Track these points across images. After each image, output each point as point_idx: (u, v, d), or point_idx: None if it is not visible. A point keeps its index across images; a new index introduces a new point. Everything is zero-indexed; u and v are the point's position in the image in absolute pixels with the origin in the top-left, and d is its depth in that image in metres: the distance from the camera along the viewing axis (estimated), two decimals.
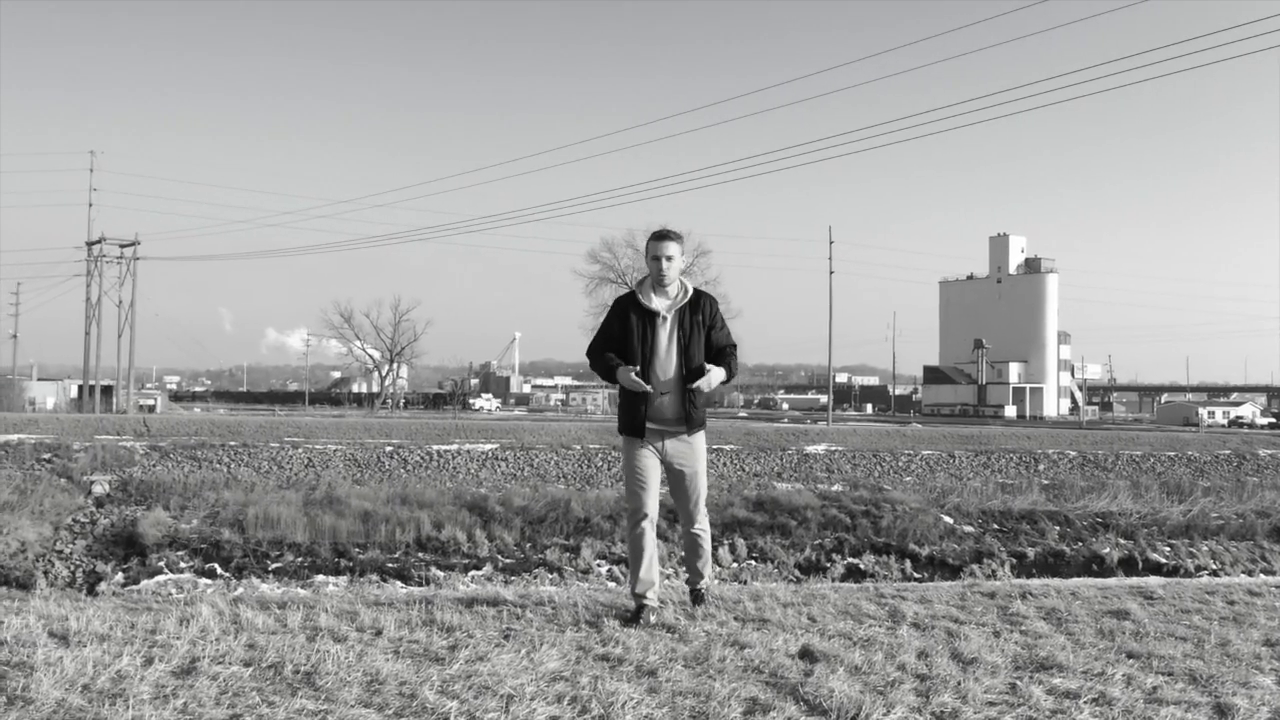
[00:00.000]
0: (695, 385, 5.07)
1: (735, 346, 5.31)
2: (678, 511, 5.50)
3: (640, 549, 5.26)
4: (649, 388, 5.07)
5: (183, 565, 16.49)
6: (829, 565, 18.46)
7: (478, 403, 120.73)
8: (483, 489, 23.88)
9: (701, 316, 5.18)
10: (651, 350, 5.12)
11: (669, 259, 5.16)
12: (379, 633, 4.72)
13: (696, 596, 5.49)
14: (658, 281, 5.18)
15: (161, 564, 16.37)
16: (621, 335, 5.17)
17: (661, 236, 5.19)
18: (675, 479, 5.32)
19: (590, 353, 5.30)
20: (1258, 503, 25.18)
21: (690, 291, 5.23)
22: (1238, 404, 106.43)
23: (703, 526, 5.46)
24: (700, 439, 5.35)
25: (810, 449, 34.95)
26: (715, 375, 5.09)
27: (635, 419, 5.18)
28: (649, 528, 5.26)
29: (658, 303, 5.16)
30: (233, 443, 30.88)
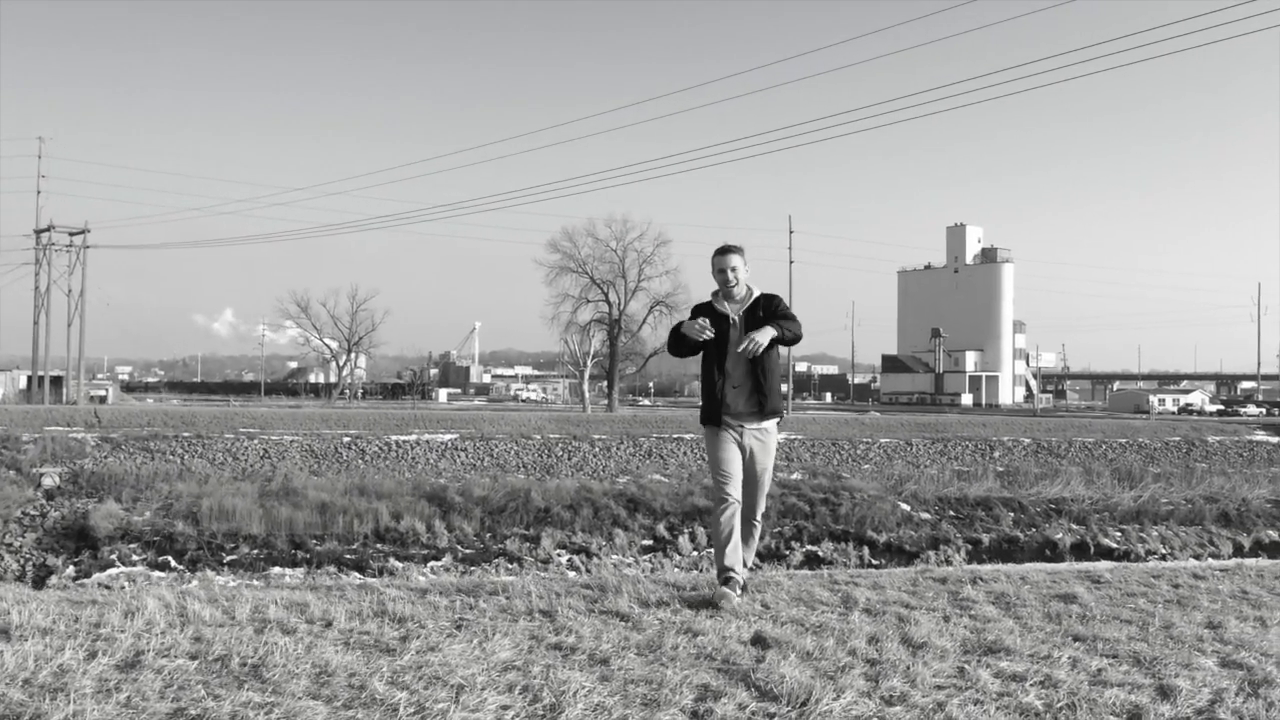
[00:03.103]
0: (742, 348, 5.46)
1: (793, 319, 5.62)
2: (744, 499, 5.79)
3: (728, 531, 5.61)
4: (710, 331, 5.49)
5: (135, 558, 16.30)
6: (788, 553, 18.60)
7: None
8: (442, 479, 23.76)
9: (763, 313, 5.60)
10: (725, 350, 5.61)
11: (733, 270, 5.67)
12: (329, 624, 4.68)
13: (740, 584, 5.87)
14: (725, 293, 5.72)
15: (113, 557, 16.16)
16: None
17: (723, 251, 5.71)
18: (748, 469, 5.72)
19: (669, 342, 5.82)
20: (1206, 488, 25.68)
21: (755, 294, 5.72)
22: (1187, 391, 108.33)
23: (757, 519, 5.88)
24: (773, 433, 5.82)
25: None
26: (762, 334, 5.47)
27: (713, 407, 5.68)
28: (734, 512, 5.62)
29: (729, 308, 5.69)
30: (186, 434, 30.47)
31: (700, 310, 5.79)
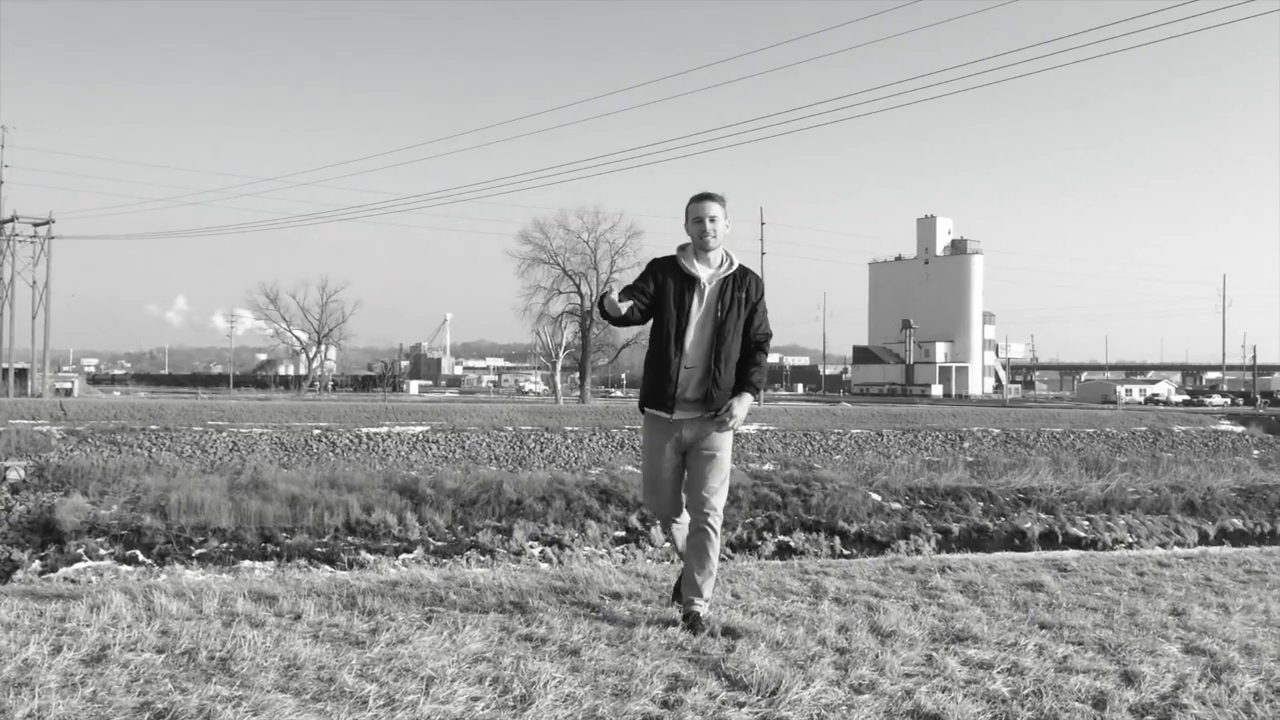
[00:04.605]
0: (723, 420, 4.63)
1: (769, 337, 4.81)
2: (687, 495, 4.77)
3: (675, 543, 5.01)
4: (619, 304, 4.43)
5: (102, 552, 16.13)
6: (760, 543, 18.68)
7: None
8: (414, 472, 23.68)
9: (745, 294, 4.67)
10: (686, 319, 4.59)
11: (712, 220, 4.63)
12: (298, 617, 4.65)
13: (692, 621, 4.56)
14: (700, 247, 4.64)
15: (80, 551, 15.99)
16: (657, 297, 4.62)
17: (703, 197, 4.69)
18: (693, 458, 4.72)
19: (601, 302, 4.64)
20: (1172, 478, 26.00)
21: (735, 264, 4.71)
22: (1154, 382, 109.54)
23: (713, 522, 4.67)
24: (746, 406, 4.74)
25: (742, 429, 35.23)
26: (741, 406, 4.65)
27: (660, 390, 4.63)
28: (677, 529, 4.95)
29: (700, 270, 4.64)
30: (154, 427, 30.19)
31: (660, 266, 4.68)
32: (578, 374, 66.34)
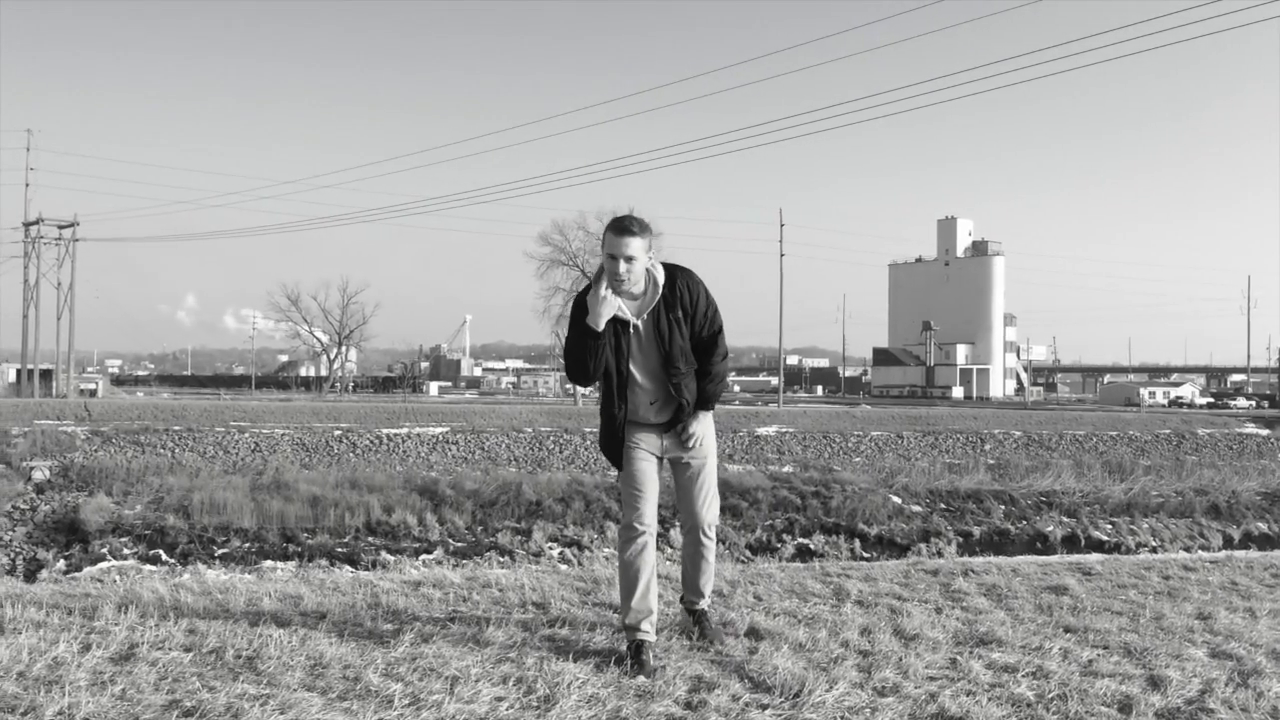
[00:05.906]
0: (688, 447, 4.34)
1: (717, 333, 4.31)
2: (680, 511, 4.50)
3: (636, 571, 4.18)
4: (606, 302, 4.09)
5: (126, 552, 16.25)
6: (779, 546, 18.62)
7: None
8: (433, 472, 23.75)
9: (680, 311, 4.19)
10: (625, 363, 4.21)
11: (628, 260, 4.04)
12: (323, 616, 4.68)
13: (698, 618, 4.50)
14: (613, 289, 4.12)
15: (104, 550, 16.11)
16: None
17: (621, 230, 4.04)
18: (678, 472, 4.42)
19: (568, 363, 4.29)
20: (1196, 481, 25.75)
21: (661, 283, 4.19)
22: (1177, 384, 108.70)
23: (709, 534, 4.43)
24: (706, 423, 4.41)
25: (761, 431, 35.20)
26: (700, 426, 4.34)
27: (613, 441, 4.38)
28: (646, 545, 4.23)
29: (627, 306, 4.16)
30: (177, 427, 30.42)
31: (584, 305, 4.16)
32: None
